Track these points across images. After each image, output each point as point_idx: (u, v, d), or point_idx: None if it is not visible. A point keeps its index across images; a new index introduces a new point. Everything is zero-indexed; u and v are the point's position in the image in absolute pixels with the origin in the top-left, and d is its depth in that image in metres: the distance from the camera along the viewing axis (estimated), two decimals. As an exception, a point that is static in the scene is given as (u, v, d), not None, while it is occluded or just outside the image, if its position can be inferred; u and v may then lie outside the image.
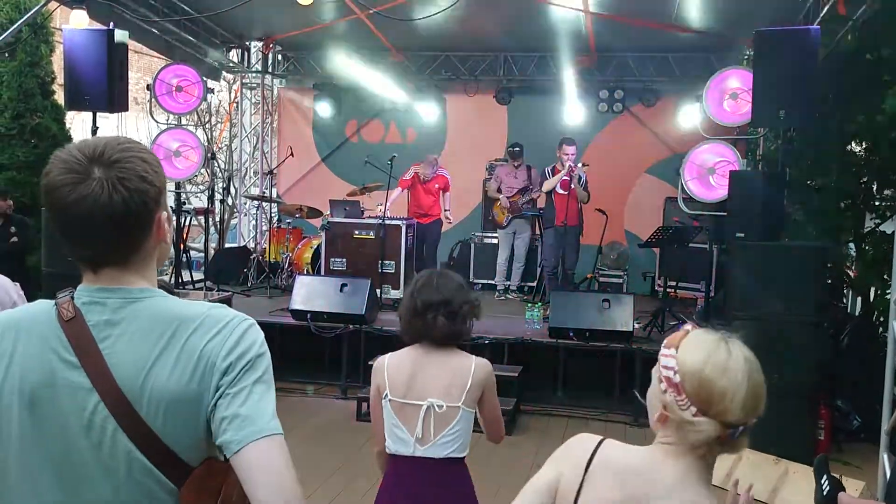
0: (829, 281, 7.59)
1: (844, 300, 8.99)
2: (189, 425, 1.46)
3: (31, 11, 8.66)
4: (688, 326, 1.82)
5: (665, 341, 1.81)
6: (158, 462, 1.46)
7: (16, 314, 1.57)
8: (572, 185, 9.16)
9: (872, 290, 7.74)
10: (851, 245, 8.19)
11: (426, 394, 2.91)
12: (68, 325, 1.49)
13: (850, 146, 8.15)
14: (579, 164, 9.40)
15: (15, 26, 8.76)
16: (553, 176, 9.27)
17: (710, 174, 8.08)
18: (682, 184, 8.21)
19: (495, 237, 10.60)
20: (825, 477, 4.05)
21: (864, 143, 8.07)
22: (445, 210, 10.30)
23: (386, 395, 2.97)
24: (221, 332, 1.50)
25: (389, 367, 3.01)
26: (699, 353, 1.70)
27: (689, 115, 10.77)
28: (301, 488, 1.46)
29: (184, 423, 1.46)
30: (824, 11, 7.61)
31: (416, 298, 3.01)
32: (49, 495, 1.48)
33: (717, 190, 7.97)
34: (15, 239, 8.59)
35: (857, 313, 8.44)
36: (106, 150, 1.48)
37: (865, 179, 7.91)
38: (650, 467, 1.75)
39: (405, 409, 2.93)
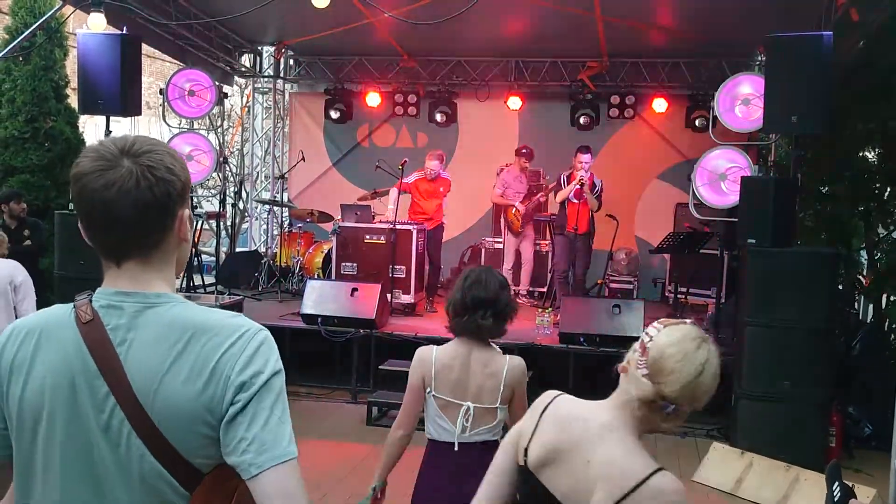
0: (841, 288, 7.56)
1: (856, 307, 8.96)
2: (200, 433, 1.48)
3: (46, 16, 8.73)
4: (689, 320, 2.08)
5: (664, 318, 2.06)
6: (170, 466, 1.48)
7: (36, 318, 1.60)
8: (584, 195, 9.14)
9: (884, 297, 7.71)
10: (863, 252, 8.17)
11: (467, 395, 3.10)
12: (86, 329, 1.51)
13: (862, 153, 8.14)
14: (592, 174, 9.36)
15: (29, 31, 8.83)
16: (569, 183, 9.24)
17: (722, 180, 8.06)
18: (693, 189, 8.20)
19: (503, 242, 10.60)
20: (837, 484, 4.04)
21: (876, 150, 8.05)
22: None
23: (430, 390, 3.12)
24: (237, 343, 1.51)
25: (438, 364, 3.13)
26: (675, 336, 1.94)
27: (700, 121, 10.76)
28: None
29: (195, 430, 1.47)
30: (836, 17, 7.59)
31: (466, 295, 3.14)
32: (74, 493, 1.51)
33: (729, 196, 7.95)
34: (29, 242, 8.64)
35: (868, 320, 8.41)
36: (136, 143, 1.52)
37: (878, 186, 7.89)
38: (589, 415, 2.02)
39: (448, 407, 3.12)
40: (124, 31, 7.91)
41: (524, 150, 10.20)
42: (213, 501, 1.51)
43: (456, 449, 3.10)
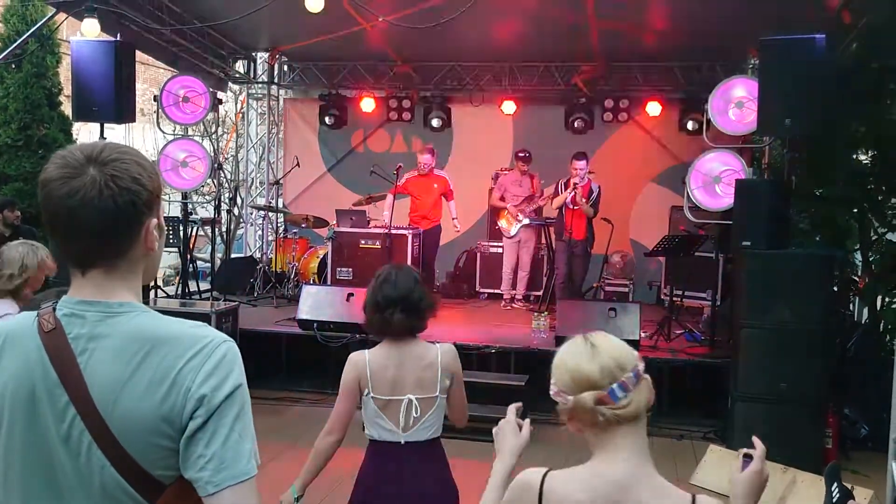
0: (836, 289, 7.57)
1: (851, 308, 8.97)
2: (160, 445, 1.46)
3: (39, 23, 8.72)
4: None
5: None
6: (131, 479, 1.45)
7: (2, 325, 1.58)
8: (578, 201, 9.15)
9: (879, 298, 7.73)
10: (858, 253, 8.18)
11: (405, 389, 3.12)
12: (48, 337, 1.50)
13: (856, 154, 8.15)
14: (591, 178, 9.38)
15: (21, 39, 8.82)
16: (565, 190, 9.26)
17: (716, 183, 8.08)
18: (687, 192, 8.21)
19: (501, 246, 10.58)
20: (836, 485, 4.05)
21: (870, 152, 8.06)
22: (454, 219, 10.18)
23: (368, 392, 3.14)
24: (198, 354, 1.48)
25: (372, 366, 3.15)
26: (563, 350, 1.92)
27: (694, 124, 10.79)
28: None
29: (155, 442, 1.45)
30: (829, 20, 7.61)
31: (377, 293, 3.18)
32: (36, 503, 1.50)
33: (723, 199, 7.96)
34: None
35: (864, 321, 8.42)
36: (104, 151, 1.50)
37: (872, 187, 7.91)
38: (593, 482, 1.81)
39: (389, 405, 3.14)
40: (118, 38, 7.91)
41: (521, 154, 10.22)
42: None
43: (402, 444, 3.13)
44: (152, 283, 8.89)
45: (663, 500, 1.78)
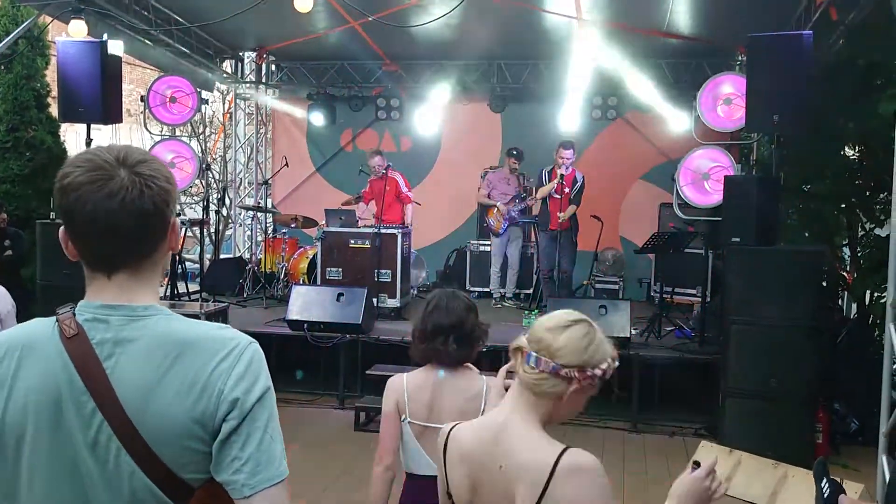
0: (825, 284, 7.60)
1: (840, 304, 9.01)
2: (192, 448, 1.46)
3: (25, 24, 8.67)
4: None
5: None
6: (160, 482, 1.46)
7: (16, 334, 1.56)
8: (566, 190, 9.15)
9: (868, 293, 7.76)
10: (846, 249, 8.21)
11: (444, 418, 2.87)
12: (71, 343, 1.48)
13: (843, 150, 8.19)
14: (574, 169, 9.37)
15: (9, 38, 8.77)
16: (550, 180, 9.25)
17: (705, 179, 8.11)
18: (676, 189, 8.24)
19: (490, 245, 10.58)
20: (825, 480, 4.06)
21: (857, 147, 8.10)
22: (408, 225, 9.85)
23: (405, 418, 2.96)
24: (228, 357, 1.49)
25: (409, 390, 2.99)
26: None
27: (683, 121, 10.80)
28: None
29: (186, 446, 1.46)
30: (816, 16, 7.64)
31: (427, 321, 3.01)
32: None
33: (712, 195, 7.99)
34: (10, 252, 8.57)
35: (853, 316, 8.46)
36: (130, 154, 1.52)
37: (860, 183, 7.94)
38: (487, 425, 2.04)
39: (426, 433, 2.93)
40: (104, 39, 7.87)
41: (514, 151, 10.21)
42: None
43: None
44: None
45: (534, 452, 1.87)
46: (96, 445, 1.46)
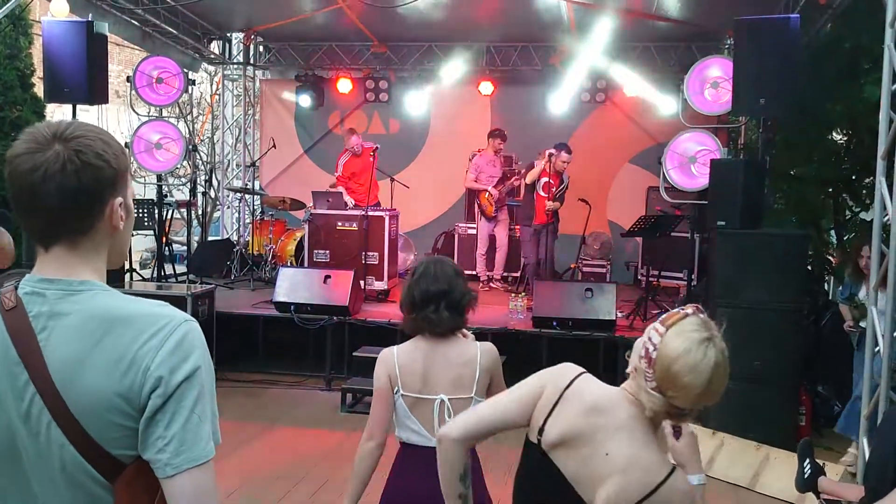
0: (811, 268, 7.65)
1: (826, 287, 9.06)
2: (119, 424, 1.45)
3: (10, 3, 8.58)
4: (688, 310, 2.00)
5: (664, 316, 2.03)
6: (90, 457, 1.45)
7: None
8: (553, 190, 9.15)
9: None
10: (833, 232, 8.26)
11: (438, 388, 2.88)
12: (9, 316, 1.49)
13: (830, 134, 8.22)
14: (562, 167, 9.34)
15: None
16: (540, 177, 9.18)
17: (692, 163, 8.12)
18: (663, 173, 8.25)
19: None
20: (808, 461, 4.10)
21: (844, 131, 8.13)
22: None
23: (397, 390, 2.91)
24: (158, 334, 1.47)
25: (401, 362, 2.93)
26: (680, 346, 1.91)
27: (670, 105, 10.81)
28: None
29: (113, 421, 1.45)
30: (804, 0, 7.64)
31: (415, 290, 2.94)
32: (1, 482, 1.51)
33: (699, 179, 8.01)
34: (-5, 233, 8.52)
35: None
36: (70, 128, 1.50)
37: (846, 167, 7.98)
38: (609, 406, 2.02)
39: (419, 404, 2.89)
40: (90, 18, 7.81)
41: (497, 132, 10.18)
42: (137, 493, 1.49)
43: (431, 452, 2.68)
44: (128, 266, 8.84)
45: (649, 454, 1.97)
46: (28, 417, 1.46)
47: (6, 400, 1.48)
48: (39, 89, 9.50)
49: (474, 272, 10.53)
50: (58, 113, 12.15)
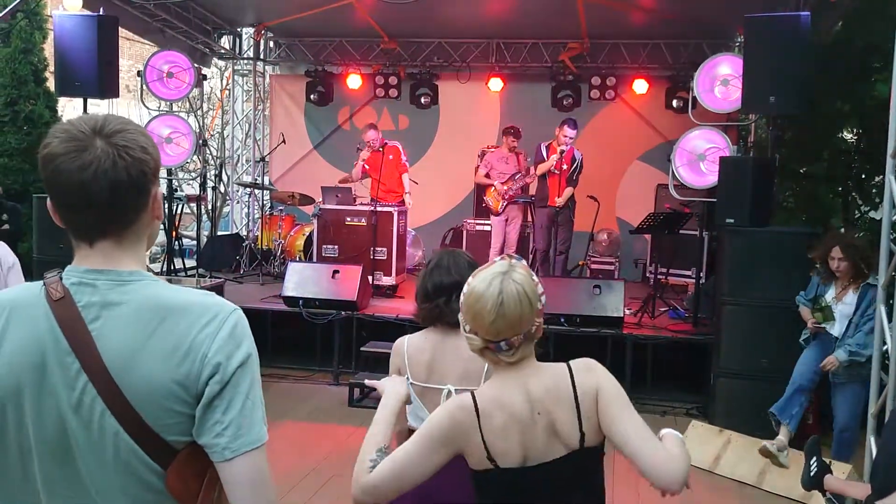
0: (819, 266, 7.62)
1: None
2: (175, 410, 1.48)
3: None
4: (497, 257, 2.16)
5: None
6: (144, 444, 1.48)
7: (3, 297, 1.58)
8: (564, 167, 9.11)
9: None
10: (842, 230, 8.22)
11: (445, 379, 2.91)
12: (57, 306, 1.50)
13: (840, 133, 8.18)
14: (573, 147, 9.31)
15: (6, 10, 8.73)
16: (549, 156, 9.18)
17: (701, 160, 8.10)
18: (672, 170, 8.23)
19: (488, 224, 10.53)
20: (815, 459, 4.10)
21: (854, 130, 8.10)
22: (406, 193, 9.88)
23: (407, 377, 2.91)
24: (212, 322, 1.52)
25: (410, 351, 2.98)
26: (475, 283, 2.09)
27: (680, 102, 10.78)
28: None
29: (170, 408, 1.48)
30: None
31: (428, 282, 2.99)
32: (51, 472, 1.52)
33: (708, 176, 7.98)
34: (7, 226, 8.57)
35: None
36: (107, 123, 1.52)
37: (856, 165, 7.95)
38: (500, 390, 2.12)
39: (426, 393, 2.93)
40: (101, 13, 7.84)
41: (511, 129, 10.15)
42: (188, 478, 1.52)
43: None
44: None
45: (551, 378, 2.11)
46: (80, 406, 1.48)
47: (57, 390, 1.49)
48: (52, 83, 9.57)
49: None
50: (69, 107, 12.20)
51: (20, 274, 5.46)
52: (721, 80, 8.00)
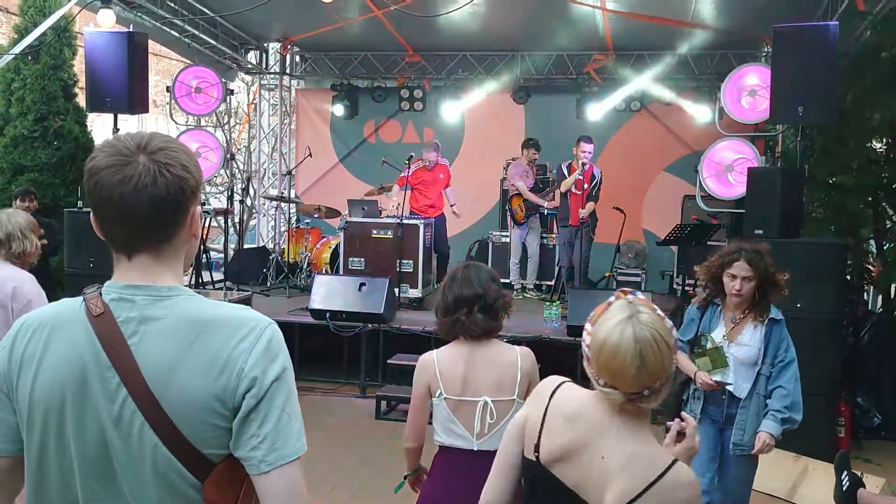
0: (850, 278, 7.54)
1: (866, 297, 8.93)
2: (213, 424, 1.50)
3: (56, 14, 8.76)
4: (612, 298, 2.01)
5: (591, 314, 2.03)
6: (182, 457, 1.50)
7: (45, 312, 1.61)
8: (585, 186, 9.12)
9: (893, 287, 7.70)
10: (872, 242, 8.14)
11: (480, 390, 2.92)
12: (97, 321, 1.53)
13: (870, 142, 8.11)
14: (592, 165, 9.31)
15: (38, 30, 8.86)
16: (570, 174, 9.20)
17: (729, 171, 8.06)
18: (700, 181, 8.19)
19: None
20: (846, 473, 4.06)
21: (884, 140, 8.02)
22: (452, 206, 10.13)
23: (440, 393, 2.95)
24: (248, 336, 1.54)
25: (441, 366, 2.97)
26: (601, 335, 1.93)
27: (706, 113, 10.73)
28: None
29: (208, 421, 1.50)
30: (843, 7, 7.57)
31: (448, 295, 3.00)
32: (90, 486, 1.54)
33: (736, 187, 7.95)
34: (45, 241, 8.66)
35: (878, 310, 8.39)
36: (152, 140, 1.56)
37: (886, 176, 7.86)
38: (589, 411, 2.00)
39: (462, 407, 2.93)
40: (131, 29, 7.94)
41: (531, 142, 10.17)
42: (225, 490, 1.54)
43: (475, 451, 2.89)
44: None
45: (645, 447, 1.95)
46: (120, 420, 1.50)
47: (98, 404, 1.52)
48: (81, 99, 9.68)
49: (508, 280, 10.52)
50: (98, 122, 12.35)
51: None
52: (748, 90, 7.97)
